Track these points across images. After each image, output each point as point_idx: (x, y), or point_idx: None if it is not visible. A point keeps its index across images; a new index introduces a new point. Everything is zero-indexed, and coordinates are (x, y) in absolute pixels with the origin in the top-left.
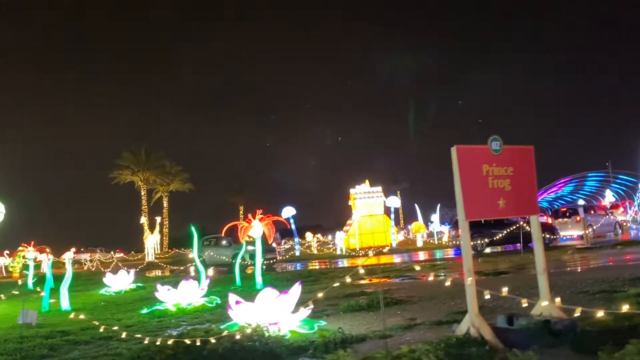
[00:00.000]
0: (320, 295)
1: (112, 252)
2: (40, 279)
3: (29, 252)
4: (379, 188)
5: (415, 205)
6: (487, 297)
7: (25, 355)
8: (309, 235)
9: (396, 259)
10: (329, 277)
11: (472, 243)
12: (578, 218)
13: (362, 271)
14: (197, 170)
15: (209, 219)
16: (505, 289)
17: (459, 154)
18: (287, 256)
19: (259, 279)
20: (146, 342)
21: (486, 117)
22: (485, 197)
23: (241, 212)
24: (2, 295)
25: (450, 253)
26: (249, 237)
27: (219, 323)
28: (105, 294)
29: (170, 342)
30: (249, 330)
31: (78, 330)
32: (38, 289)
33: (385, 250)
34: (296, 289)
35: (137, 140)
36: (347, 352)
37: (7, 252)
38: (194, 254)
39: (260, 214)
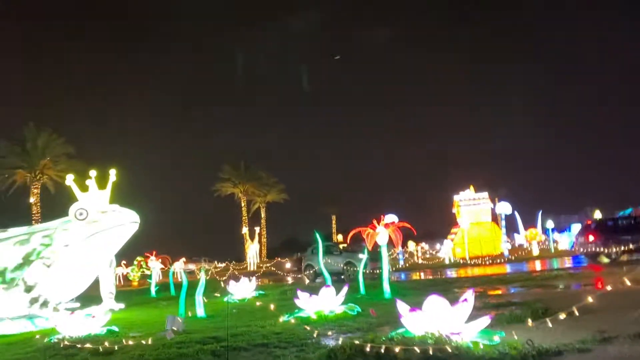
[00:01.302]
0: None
1: (215, 262)
2: (161, 287)
3: (152, 262)
4: (485, 194)
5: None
6: None
7: None
8: (411, 245)
9: (519, 267)
10: (457, 286)
11: (605, 250)
12: None
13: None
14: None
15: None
16: None
17: None
18: (394, 268)
19: (387, 287)
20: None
21: None
22: None
23: (334, 222)
24: (163, 302)
25: (571, 262)
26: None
27: (369, 332)
28: (229, 301)
29: (354, 347)
30: (426, 340)
31: (227, 336)
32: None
33: (500, 259)
34: (470, 297)
35: (237, 154)
36: None
37: (124, 262)
38: (319, 260)
39: (382, 219)
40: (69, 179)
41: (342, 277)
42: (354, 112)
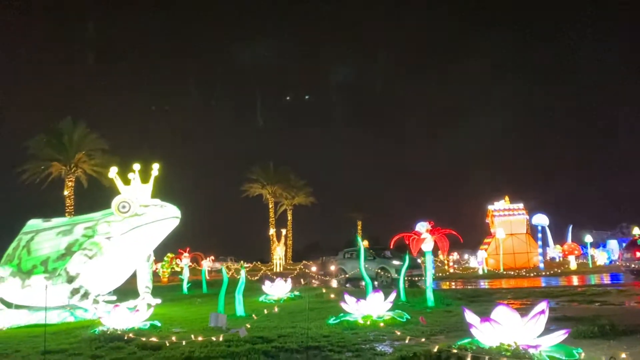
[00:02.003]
0: None
1: (241, 262)
2: (193, 284)
3: (185, 258)
4: (521, 205)
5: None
6: None
7: None
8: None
9: (559, 282)
10: (499, 297)
11: None
12: None
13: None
14: (318, 184)
15: (327, 233)
16: None
17: None
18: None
19: (430, 295)
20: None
21: None
22: None
23: (359, 227)
24: (198, 300)
25: (609, 278)
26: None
27: (424, 340)
28: (265, 301)
29: (430, 355)
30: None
31: (275, 336)
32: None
33: (536, 272)
34: (546, 309)
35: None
36: None
37: (153, 257)
38: (360, 264)
39: (432, 225)
40: (112, 172)
41: (375, 283)
42: (384, 116)
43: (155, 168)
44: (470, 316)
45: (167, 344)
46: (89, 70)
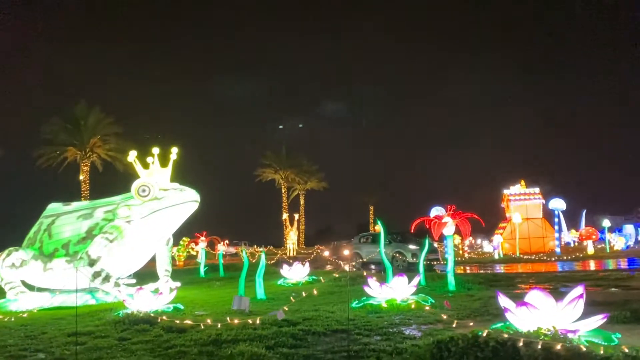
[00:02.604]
0: None
1: (255, 246)
2: (209, 268)
3: (202, 242)
4: (537, 189)
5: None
6: None
7: (275, 343)
8: (456, 238)
9: (578, 266)
10: (520, 282)
11: None
12: None
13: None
14: (330, 168)
15: (339, 217)
16: None
17: None
18: (443, 262)
19: (451, 279)
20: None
21: None
22: None
23: (371, 212)
24: (217, 283)
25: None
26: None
27: (449, 324)
28: (283, 284)
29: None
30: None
31: (300, 320)
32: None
33: (553, 257)
34: (583, 293)
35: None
36: None
37: (172, 241)
38: (380, 248)
39: (452, 210)
40: (132, 155)
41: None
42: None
43: (174, 152)
44: (504, 300)
45: (191, 327)
46: (101, 53)
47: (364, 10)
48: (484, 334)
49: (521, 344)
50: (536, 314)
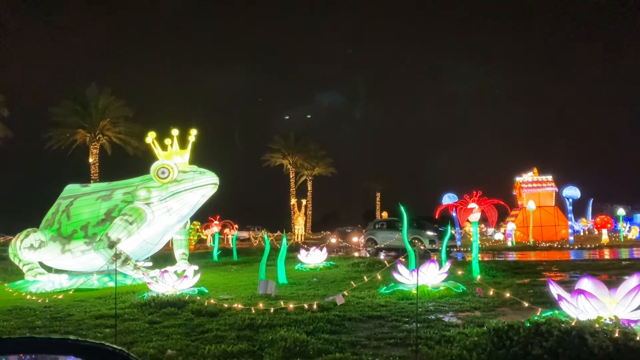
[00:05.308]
0: None
1: (264, 231)
2: (222, 252)
3: (215, 226)
4: (549, 177)
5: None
6: None
7: (314, 329)
8: (468, 226)
9: (594, 254)
10: (543, 269)
11: None
12: None
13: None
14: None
15: (344, 203)
16: None
17: None
18: (455, 249)
19: (476, 266)
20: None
21: None
22: None
23: (378, 199)
24: (233, 267)
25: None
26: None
27: (487, 312)
28: (301, 269)
29: (527, 328)
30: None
31: (330, 305)
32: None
33: (567, 245)
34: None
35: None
36: None
37: (190, 224)
38: (404, 235)
39: (478, 196)
40: (150, 137)
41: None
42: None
43: (193, 134)
44: (556, 288)
45: (222, 310)
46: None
47: None
48: (543, 323)
49: (587, 334)
50: (594, 304)
